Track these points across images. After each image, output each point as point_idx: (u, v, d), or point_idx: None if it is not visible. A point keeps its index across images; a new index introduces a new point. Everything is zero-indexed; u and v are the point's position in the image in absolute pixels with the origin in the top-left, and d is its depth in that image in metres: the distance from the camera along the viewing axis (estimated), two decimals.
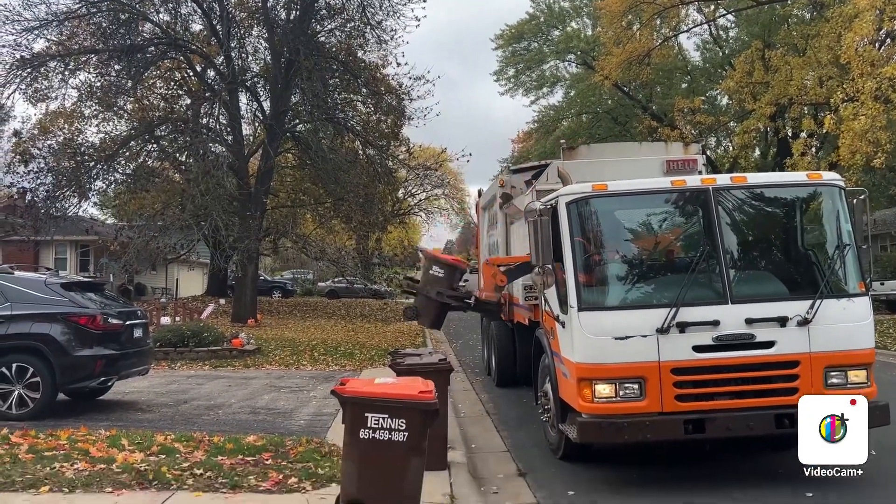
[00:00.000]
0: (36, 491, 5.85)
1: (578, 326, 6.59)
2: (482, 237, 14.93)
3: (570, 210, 6.88)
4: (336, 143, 25.18)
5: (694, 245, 6.99)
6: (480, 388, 12.96)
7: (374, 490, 4.88)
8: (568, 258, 6.81)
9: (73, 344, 9.27)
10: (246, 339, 17.48)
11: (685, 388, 6.44)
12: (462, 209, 57.32)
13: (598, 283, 6.96)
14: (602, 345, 6.48)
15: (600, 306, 6.72)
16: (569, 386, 6.85)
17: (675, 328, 6.39)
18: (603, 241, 7.17)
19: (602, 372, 6.46)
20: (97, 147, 24.39)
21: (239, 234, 22.90)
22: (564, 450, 7.43)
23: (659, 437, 6.42)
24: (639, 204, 7.26)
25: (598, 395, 6.44)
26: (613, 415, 6.40)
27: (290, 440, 7.75)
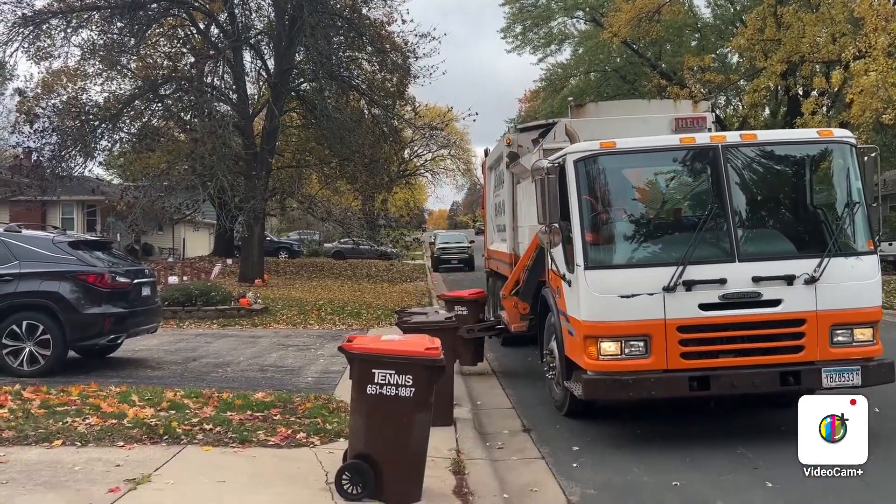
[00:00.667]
0: (49, 445, 5.95)
1: (585, 285, 6.59)
2: (488, 197, 14.84)
3: (577, 168, 6.83)
4: (341, 103, 24.95)
5: (702, 203, 6.95)
6: (486, 346, 13.03)
7: (382, 444, 4.95)
8: (575, 217, 6.78)
9: (81, 302, 9.34)
10: (253, 298, 17.61)
11: (691, 345, 6.46)
12: (468, 170, 57.08)
13: (605, 241, 6.93)
14: (608, 303, 6.50)
15: (607, 265, 6.71)
16: (575, 344, 6.89)
17: (682, 286, 6.39)
18: (610, 199, 7.10)
19: (608, 330, 6.49)
20: (101, 106, 24.22)
21: (245, 195, 22.88)
22: (569, 407, 7.52)
23: (664, 393, 6.47)
24: (647, 162, 7.19)
25: (604, 352, 6.48)
26: (618, 372, 6.44)
27: (298, 397, 7.85)
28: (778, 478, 5.58)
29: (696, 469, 5.98)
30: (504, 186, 11.98)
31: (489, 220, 14.75)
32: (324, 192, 30.39)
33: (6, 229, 10.08)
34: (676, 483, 5.68)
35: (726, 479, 5.73)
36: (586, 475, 5.97)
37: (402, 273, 33.39)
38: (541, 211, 7.06)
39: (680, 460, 6.21)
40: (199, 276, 23.14)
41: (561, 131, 8.96)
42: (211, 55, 24.06)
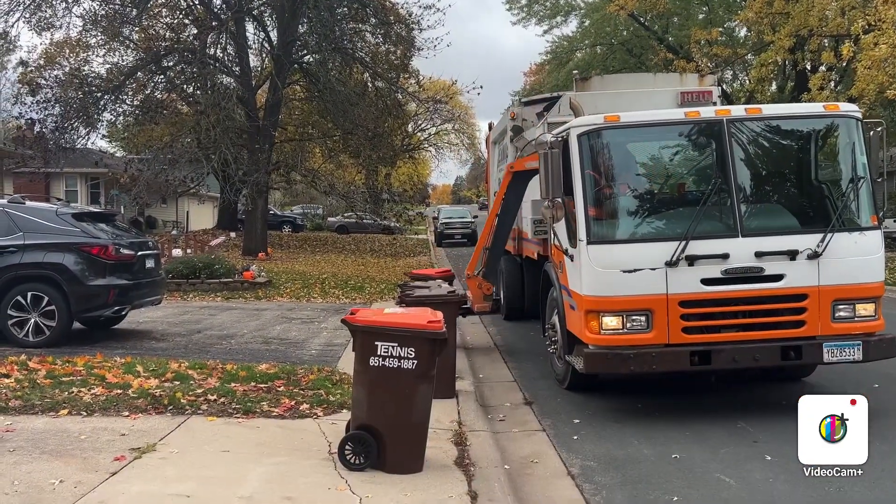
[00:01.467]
0: (55, 414, 6.01)
1: (587, 260, 6.58)
2: (492, 171, 14.75)
3: (581, 142, 6.77)
4: (344, 75, 24.78)
5: (706, 178, 6.91)
6: (488, 321, 13.07)
7: (384, 416, 4.99)
8: (578, 191, 6.73)
9: (86, 273, 9.37)
10: (257, 271, 17.65)
11: (692, 320, 6.46)
12: (472, 144, 56.87)
13: (608, 216, 6.91)
14: (610, 278, 6.49)
15: (609, 240, 6.69)
16: (576, 318, 6.89)
17: (684, 261, 6.38)
18: (614, 173, 7.06)
19: (609, 304, 6.48)
20: (104, 78, 24.11)
21: (248, 168, 22.83)
22: (570, 380, 7.56)
23: (665, 368, 6.46)
24: (651, 136, 7.15)
25: (605, 326, 6.48)
26: (620, 346, 6.44)
27: (302, 369, 7.90)
28: (777, 451, 5.62)
29: (696, 442, 6.03)
30: (508, 160, 11.85)
31: (493, 194, 14.52)
32: (327, 165, 30.29)
33: (10, 201, 10.09)
34: (676, 456, 5.72)
35: (726, 452, 5.78)
36: (587, 447, 6.02)
37: (405, 248, 33.42)
38: (544, 185, 7.00)
39: (680, 433, 6.26)
40: (203, 249, 23.18)
41: (566, 105, 8.90)
42: (213, 26, 23.84)
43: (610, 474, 5.42)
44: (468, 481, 4.92)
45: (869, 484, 4.03)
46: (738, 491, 5.03)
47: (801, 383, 7.72)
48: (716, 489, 5.07)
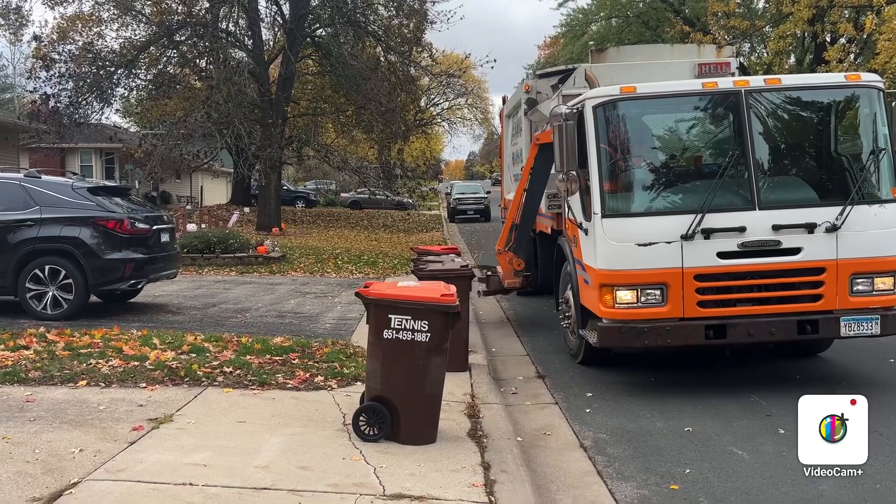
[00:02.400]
0: (74, 385, 6.10)
1: (602, 233, 6.54)
2: (506, 146, 14.55)
3: (596, 113, 6.69)
4: (357, 49, 24.61)
5: (723, 150, 6.83)
6: (501, 295, 13.10)
7: (398, 387, 5.03)
8: (593, 164, 6.66)
9: (102, 247, 9.45)
10: (271, 246, 17.72)
11: (708, 294, 6.42)
12: (485, 119, 56.48)
13: (623, 189, 6.85)
14: (625, 251, 6.44)
15: (624, 213, 6.63)
16: (590, 292, 6.86)
17: (700, 234, 6.33)
18: (629, 146, 6.96)
19: (624, 278, 6.44)
20: (116, 52, 24.10)
21: (261, 143, 22.83)
22: (584, 355, 7.55)
23: (679, 342, 6.43)
24: (668, 107, 7.05)
25: (620, 300, 6.43)
26: (634, 320, 6.40)
27: (317, 342, 7.96)
28: (790, 425, 5.58)
29: (708, 415, 6.04)
30: (522, 135, 11.74)
31: (506, 169, 14.43)
32: (340, 141, 30.23)
33: (26, 175, 10.15)
34: (689, 429, 5.74)
35: (739, 425, 5.78)
36: (599, 420, 6.05)
37: (418, 223, 33.42)
38: (558, 158, 6.89)
39: (692, 407, 6.27)
40: (217, 223, 23.29)
41: (581, 77, 8.79)
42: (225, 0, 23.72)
43: (622, 446, 5.45)
44: (481, 452, 4.96)
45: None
46: (750, 463, 5.04)
47: (816, 358, 7.69)
48: (728, 462, 5.09)
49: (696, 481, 4.76)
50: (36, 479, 4.15)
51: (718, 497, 4.51)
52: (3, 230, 9.33)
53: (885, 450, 4.44)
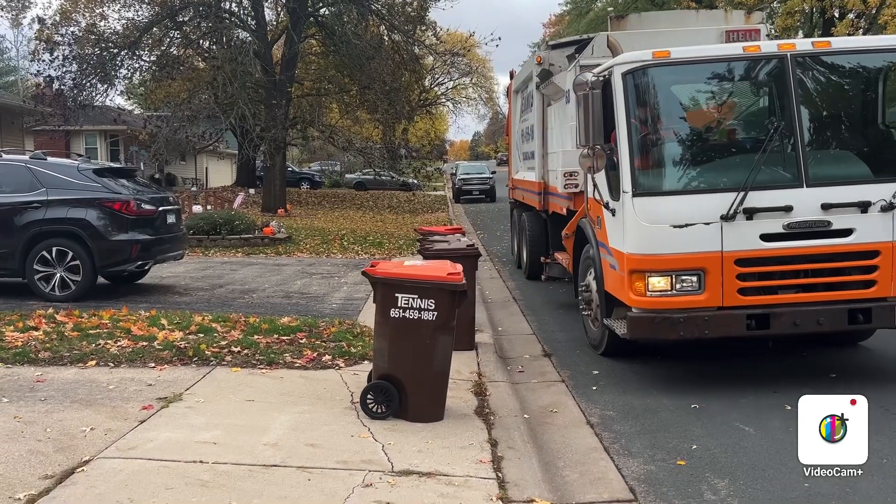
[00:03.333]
0: (83, 365, 6.15)
1: (632, 214, 6.00)
2: (513, 123, 13.96)
3: (625, 81, 6.10)
4: (360, 29, 24.43)
5: (766, 121, 6.22)
6: (507, 275, 13.13)
7: (405, 366, 5.05)
8: (622, 137, 6.08)
9: (108, 228, 9.47)
10: (277, 227, 17.75)
11: (749, 280, 5.89)
12: (490, 99, 56.24)
13: (656, 165, 6.28)
14: (658, 234, 5.91)
15: (657, 191, 6.08)
16: (618, 279, 6.32)
17: (742, 215, 5.79)
18: (663, 116, 6.38)
19: (657, 263, 5.90)
20: (120, 34, 24.00)
21: (266, 124, 22.77)
22: (607, 346, 7.08)
23: (718, 333, 5.88)
24: (705, 74, 6.33)
25: (652, 288, 5.90)
26: (668, 309, 5.86)
27: (324, 322, 7.99)
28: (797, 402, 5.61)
29: (714, 392, 6.04)
30: (532, 110, 11.22)
31: (514, 147, 13.94)
32: (344, 121, 30.12)
33: (32, 157, 10.17)
34: (695, 405, 5.75)
35: (745, 402, 5.79)
36: (605, 398, 6.07)
37: (423, 204, 33.37)
38: (582, 131, 6.32)
39: (699, 384, 6.28)
40: (223, 205, 23.31)
41: (601, 45, 8.24)
42: None
43: (629, 423, 5.47)
44: (488, 430, 4.99)
45: None
46: (757, 439, 5.06)
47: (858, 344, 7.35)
48: (735, 437, 5.11)
49: (703, 457, 4.79)
50: (48, 458, 4.20)
51: (725, 472, 4.54)
52: (10, 212, 9.36)
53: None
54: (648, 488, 4.35)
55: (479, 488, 4.01)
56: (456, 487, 3.99)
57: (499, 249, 17.07)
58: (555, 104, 10.06)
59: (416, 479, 4.06)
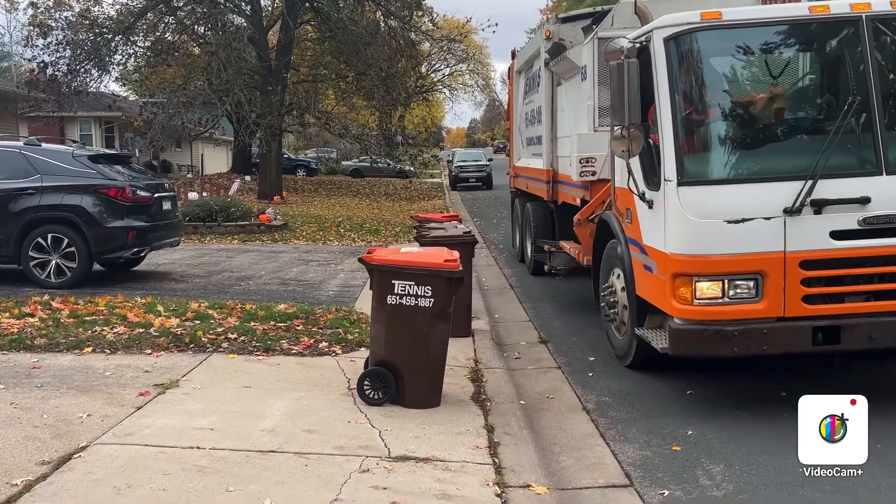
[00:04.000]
0: (80, 352, 6.14)
1: (677, 206, 5.12)
2: (516, 106, 12.88)
3: (668, 48, 5.24)
4: (356, 14, 24.31)
5: (837, 95, 5.33)
6: (504, 263, 13.13)
7: (402, 352, 5.06)
8: (664, 115, 5.23)
9: (104, 215, 9.44)
10: (273, 214, 17.71)
11: (817, 286, 5.04)
12: (487, 86, 55.99)
13: (706, 147, 5.41)
14: (709, 230, 5.04)
15: (707, 179, 5.20)
16: (655, 283, 5.47)
17: (809, 208, 4.95)
18: (713, 89, 5.48)
19: (707, 266, 5.04)
20: (114, 19, 23.83)
21: (261, 110, 22.69)
22: (635, 358, 6.18)
23: (780, 348, 5.07)
24: (763, 38, 5.43)
25: (700, 294, 5.04)
26: (719, 320, 5.04)
27: (320, 308, 7.99)
28: (793, 388, 5.63)
29: (710, 378, 6.06)
30: (539, 90, 10.27)
31: (516, 132, 12.94)
32: (340, 108, 30.03)
33: (26, 143, 10.11)
34: (691, 392, 5.78)
35: (741, 388, 5.82)
36: (602, 383, 6.10)
37: (420, 191, 33.35)
38: (616, 108, 5.50)
39: (695, 370, 6.29)
40: (219, 192, 23.25)
41: (624, 13, 7.29)
42: None
43: (625, 409, 5.50)
44: (485, 415, 5.01)
45: None
46: (753, 425, 5.08)
47: None
48: (731, 422, 5.13)
49: (698, 442, 4.81)
50: (45, 444, 4.20)
51: (720, 457, 4.56)
52: (5, 199, 9.31)
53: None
54: (644, 473, 4.37)
55: (476, 474, 4.03)
56: (453, 473, 4.00)
57: (495, 237, 17.08)
58: (566, 83, 9.25)
59: (412, 464, 4.08)
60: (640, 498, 4.08)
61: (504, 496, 3.80)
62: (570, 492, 4.13)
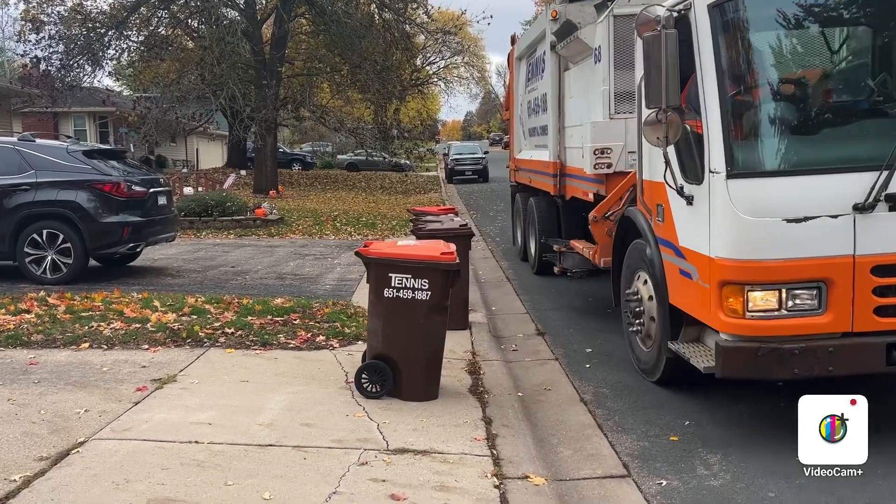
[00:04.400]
0: (77, 347, 6.13)
1: (726, 202, 4.42)
2: (516, 95, 12.11)
3: (713, 16, 4.55)
4: (350, 7, 24.22)
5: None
6: (500, 255, 13.14)
7: (399, 345, 5.06)
8: (710, 94, 4.52)
9: (99, 211, 9.42)
10: (269, 209, 17.68)
11: (892, 295, 4.36)
12: (482, 78, 55.90)
13: (760, 133, 4.63)
14: (764, 230, 4.34)
15: (763, 171, 4.47)
16: (696, 291, 4.79)
17: (884, 203, 4.26)
18: (769, 65, 4.72)
19: (762, 273, 4.35)
20: (107, 13, 23.71)
21: (256, 104, 22.62)
22: (664, 373, 5.49)
23: (847, 369, 4.39)
24: (827, 5, 4.85)
25: (753, 306, 4.36)
26: (776, 336, 4.35)
27: (317, 302, 7.99)
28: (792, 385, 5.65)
29: None
30: (544, 76, 9.62)
31: (517, 123, 12.19)
32: (335, 102, 29.95)
33: (20, 139, 10.07)
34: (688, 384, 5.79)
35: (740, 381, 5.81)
36: (599, 375, 6.11)
37: (416, 184, 33.31)
38: (650, 88, 4.76)
39: None
40: (214, 187, 23.21)
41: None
42: None
43: (622, 400, 5.51)
44: (482, 408, 5.02)
45: None
46: (750, 416, 5.10)
47: None
48: (728, 413, 5.15)
49: (696, 433, 4.83)
50: (43, 439, 4.19)
51: (718, 447, 4.58)
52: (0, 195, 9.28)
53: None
54: (642, 464, 4.39)
55: (474, 465, 4.03)
56: (451, 465, 4.01)
57: (492, 230, 17.08)
58: (575, 67, 8.61)
59: (411, 457, 4.09)
60: (638, 488, 4.10)
61: (502, 488, 3.81)
62: (568, 483, 4.14)
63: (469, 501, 3.61)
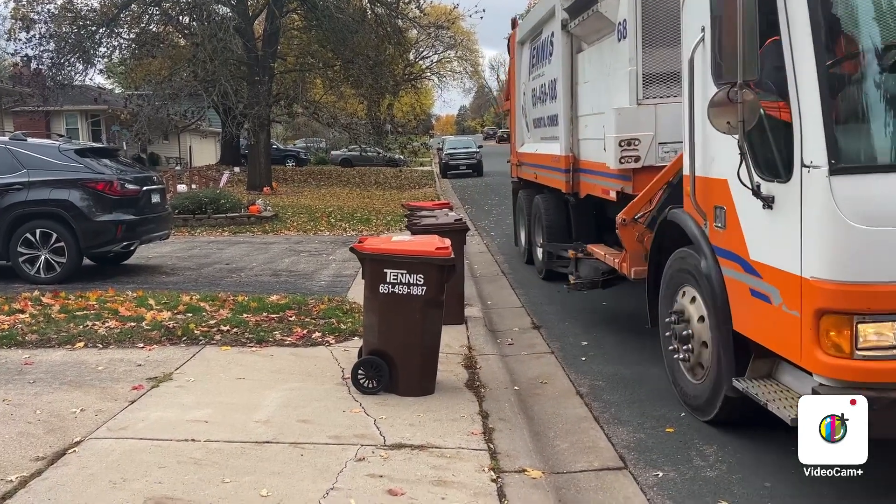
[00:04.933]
0: (72, 347, 6.12)
1: (827, 205, 3.44)
2: (518, 83, 11.12)
3: None
4: (342, 2, 24.15)
5: None
6: (496, 250, 13.14)
7: (396, 341, 5.06)
8: (804, 69, 3.53)
9: (92, 209, 9.38)
10: (263, 205, 17.66)
11: None
12: (475, 72, 55.88)
13: (872, 117, 3.59)
14: (882, 243, 3.41)
15: (877, 165, 3.52)
16: (776, 319, 3.85)
17: None
18: (883, 29, 3.60)
19: (877, 299, 3.43)
20: (97, 11, 23.59)
21: (248, 101, 22.56)
22: (720, 412, 4.57)
23: None
24: None
25: (865, 342, 3.47)
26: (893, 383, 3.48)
27: (313, 299, 7.98)
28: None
29: None
30: (552, 60, 8.69)
31: (519, 113, 11.21)
32: (328, 97, 29.89)
33: (12, 138, 10.02)
34: None
35: None
36: (595, 368, 6.12)
37: (410, 180, 33.28)
38: (721, 60, 3.91)
39: None
40: (208, 184, 23.14)
41: None
42: None
43: (618, 392, 5.53)
44: (479, 402, 5.02)
45: None
46: None
47: None
48: None
49: (692, 424, 4.84)
50: (38, 439, 4.18)
51: (714, 439, 4.59)
52: None
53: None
54: (638, 456, 4.41)
55: (471, 459, 4.04)
56: (448, 459, 4.02)
57: (487, 224, 17.08)
58: (590, 47, 7.55)
59: (408, 452, 4.09)
60: (635, 479, 4.11)
61: (499, 481, 3.82)
62: (565, 475, 4.15)
63: (467, 495, 3.62)
